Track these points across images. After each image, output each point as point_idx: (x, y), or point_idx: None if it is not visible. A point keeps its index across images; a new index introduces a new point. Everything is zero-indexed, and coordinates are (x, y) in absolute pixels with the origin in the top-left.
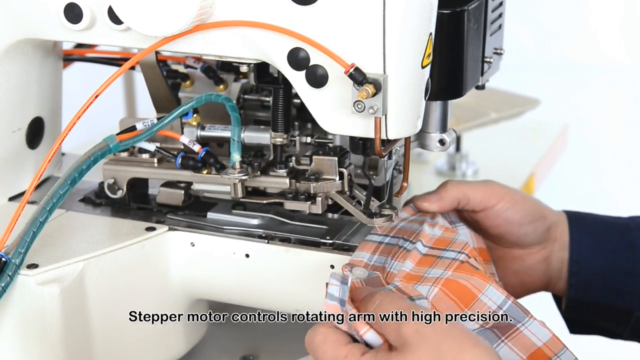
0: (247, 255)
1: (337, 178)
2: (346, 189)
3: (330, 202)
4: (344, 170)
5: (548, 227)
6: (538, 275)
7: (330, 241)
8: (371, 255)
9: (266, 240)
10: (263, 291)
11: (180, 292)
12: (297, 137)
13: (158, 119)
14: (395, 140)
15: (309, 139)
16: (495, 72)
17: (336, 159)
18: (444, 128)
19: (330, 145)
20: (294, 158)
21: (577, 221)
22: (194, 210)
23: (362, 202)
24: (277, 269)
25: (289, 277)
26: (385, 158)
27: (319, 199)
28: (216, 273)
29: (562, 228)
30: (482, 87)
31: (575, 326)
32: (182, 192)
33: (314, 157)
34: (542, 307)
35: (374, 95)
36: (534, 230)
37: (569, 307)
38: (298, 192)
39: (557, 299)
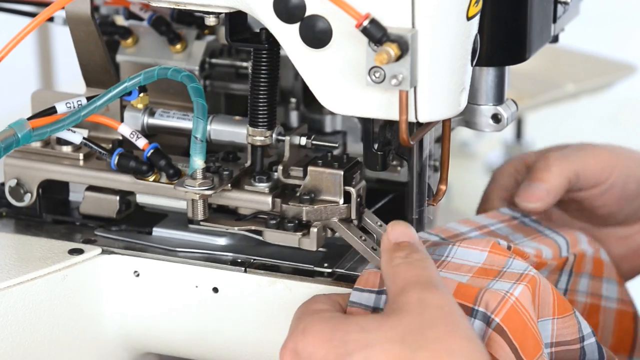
0: (216, 290)
1: (342, 200)
2: (353, 216)
3: (330, 233)
4: (351, 189)
5: None
6: None
7: (329, 270)
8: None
9: (242, 268)
10: (238, 341)
11: (119, 342)
12: (287, 137)
13: (88, 98)
14: (430, 124)
15: (303, 141)
16: (573, 17)
17: (342, 172)
18: (499, 98)
19: (334, 151)
20: (280, 167)
21: None
22: (134, 225)
23: (375, 236)
24: (258, 309)
25: (275, 321)
26: (414, 148)
27: (314, 230)
28: (171, 315)
29: None
30: (555, 40)
31: None
32: (117, 198)
33: (309, 168)
34: None
35: (398, 58)
36: None
37: None
38: (284, 218)
39: None
